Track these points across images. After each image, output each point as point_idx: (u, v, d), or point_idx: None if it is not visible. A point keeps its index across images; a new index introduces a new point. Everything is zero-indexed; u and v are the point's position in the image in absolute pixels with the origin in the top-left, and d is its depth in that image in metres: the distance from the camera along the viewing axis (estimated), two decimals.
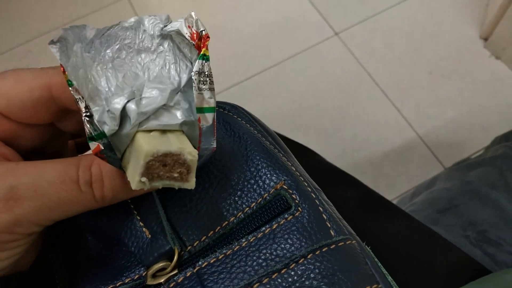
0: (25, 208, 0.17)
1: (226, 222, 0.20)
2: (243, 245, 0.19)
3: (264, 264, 0.18)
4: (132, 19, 0.18)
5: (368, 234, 0.23)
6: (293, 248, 0.19)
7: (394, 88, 0.89)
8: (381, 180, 0.82)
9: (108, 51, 0.18)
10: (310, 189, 0.21)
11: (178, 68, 0.18)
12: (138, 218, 0.20)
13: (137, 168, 0.16)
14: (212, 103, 0.18)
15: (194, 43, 0.17)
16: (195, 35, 0.17)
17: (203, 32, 0.17)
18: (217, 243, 0.20)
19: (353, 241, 0.19)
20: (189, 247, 0.20)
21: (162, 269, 0.19)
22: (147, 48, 0.18)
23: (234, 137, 0.23)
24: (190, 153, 0.16)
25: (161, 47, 0.18)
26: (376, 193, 0.33)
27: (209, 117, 0.18)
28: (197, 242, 0.20)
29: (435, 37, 0.93)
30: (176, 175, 0.16)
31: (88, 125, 0.16)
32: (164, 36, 0.18)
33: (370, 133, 0.85)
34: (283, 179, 0.21)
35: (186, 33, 0.17)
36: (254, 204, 0.20)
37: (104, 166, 0.18)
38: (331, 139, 0.85)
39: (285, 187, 0.20)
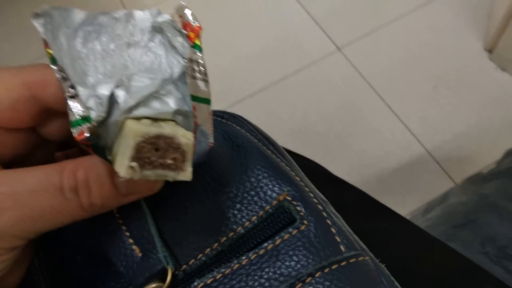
0: (4, 220, 0.15)
1: (225, 238, 0.18)
2: (243, 263, 0.17)
3: (267, 284, 0.16)
4: (122, 12, 0.17)
5: (379, 251, 0.21)
6: (299, 265, 0.17)
7: (399, 102, 0.87)
8: (391, 197, 0.79)
9: (96, 42, 0.16)
10: (316, 201, 0.19)
11: (170, 63, 0.17)
12: (127, 234, 0.18)
13: (126, 152, 0.14)
14: (207, 94, 0.17)
15: (186, 33, 0.16)
16: (186, 25, 0.17)
17: (196, 23, 0.16)
18: (214, 261, 0.18)
19: (366, 257, 0.17)
20: (184, 266, 0.18)
21: None
22: (137, 42, 0.17)
23: (232, 146, 0.21)
24: (185, 136, 0.15)
25: (151, 43, 0.17)
26: (388, 207, 0.31)
27: (205, 108, 0.16)
28: (193, 260, 0.18)
29: (438, 51, 0.92)
30: (169, 161, 0.15)
31: (71, 107, 0.15)
32: (155, 29, 0.17)
33: (377, 148, 0.83)
34: (286, 190, 0.19)
35: (178, 23, 0.16)
36: (255, 217, 0.18)
37: (91, 171, 0.16)
38: (338, 155, 0.83)
39: (289, 198, 0.19)
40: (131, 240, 0.18)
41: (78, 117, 0.15)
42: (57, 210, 0.16)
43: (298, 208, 0.18)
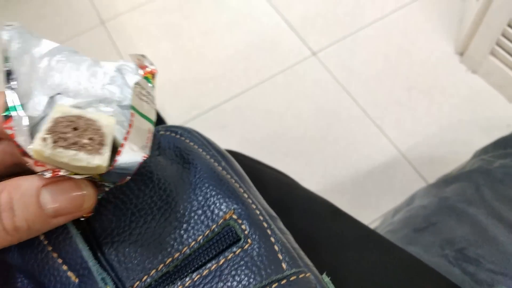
0: None
1: (170, 259, 0.18)
2: (187, 284, 0.17)
3: None
4: (90, 58, 0.18)
5: (336, 263, 0.22)
6: (240, 286, 0.17)
7: (373, 106, 0.88)
8: (365, 200, 0.80)
9: (49, 82, 0.17)
10: (262, 218, 0.19)
11: (123, 94, 0.17)
12: (60, 261, 0.18)
13: (44, 126, 0.14)
14: (151, 115, 0.17)
15: (143, 72, 0.17)
16: (143, 67, 0.18)
17: (152, 67, 0.18)
18: (159, 283, 0.18)
19: (307, 274, 0.17)
20: None
21: None
22: (98, 79, 0.18)
23: (183, 163, 0.21)
24: (107, 119, 0.15)
25: (110, 85, 0.18)
26: (349, 215, 0.32)
27: (145, 123, 0.16)
28: (138, 282, 0.18)
29: (411, 54, 0.94)
30: (86, 140, 0.14)
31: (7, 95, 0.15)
32: (117, 71, 0.18)
33: (351, 152, 0.84)
34: (233, 208, 0.19)
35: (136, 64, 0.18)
36: (201, 237, 0.18)
37: (15, 192, 0.16)
38: (312, 159, 0.84)
39: (235, 216, 0.19)
40: (65, 267, 0.17)
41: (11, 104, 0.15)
42: None
43: (243, 226, 0.18)
